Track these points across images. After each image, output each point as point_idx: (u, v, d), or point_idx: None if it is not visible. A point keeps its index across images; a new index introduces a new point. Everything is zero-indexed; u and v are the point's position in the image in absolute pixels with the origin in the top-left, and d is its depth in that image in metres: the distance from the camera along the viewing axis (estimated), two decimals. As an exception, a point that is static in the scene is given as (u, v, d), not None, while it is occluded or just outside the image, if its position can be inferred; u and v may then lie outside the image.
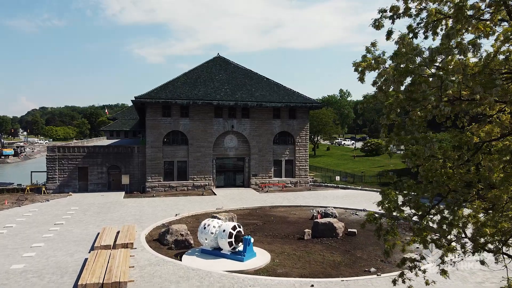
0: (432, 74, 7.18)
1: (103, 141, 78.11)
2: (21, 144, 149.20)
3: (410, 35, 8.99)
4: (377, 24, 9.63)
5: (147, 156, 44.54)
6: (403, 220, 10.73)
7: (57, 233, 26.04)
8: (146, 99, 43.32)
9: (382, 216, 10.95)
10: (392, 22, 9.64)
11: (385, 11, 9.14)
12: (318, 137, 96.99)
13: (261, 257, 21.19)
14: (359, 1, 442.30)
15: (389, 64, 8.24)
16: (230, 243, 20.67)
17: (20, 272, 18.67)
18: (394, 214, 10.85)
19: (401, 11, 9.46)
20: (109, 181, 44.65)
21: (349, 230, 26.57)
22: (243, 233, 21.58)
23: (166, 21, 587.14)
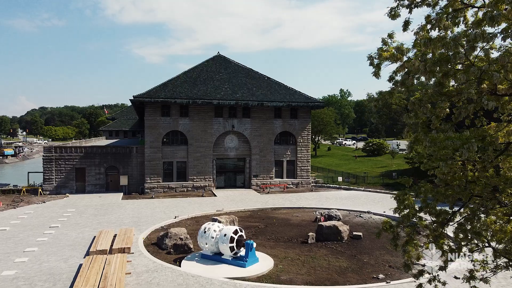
0: (470, 65, 6.27)
1: (102, 141, 77.18)
2: (20, 144, 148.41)
3: (428, 26, 8.13)
4: (393, 13, 8.75)
5: (146, 157, 43.62)
6: (423, 228, 9.81)
7: (52, 237, 25.12)
8: (145, 98, 42.39)
9: (400, 224, 10.03)
10: (410, 11, 8.77)
11: (403, -1, 8.23)
12: (319, 137, 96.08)
13: (264, 263, 20.29)
14: (359, 1, 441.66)
15: (414, 54, 7.35)
16: (232, 248, 19.77)
17: (11, 279, 17.75)
18: (412, 221, 9.98)
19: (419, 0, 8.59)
20: (107, 182, 43.71)
21: (354, 234, 25.67)
22: (245, 238, 20.67)
23: (166, 21, 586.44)
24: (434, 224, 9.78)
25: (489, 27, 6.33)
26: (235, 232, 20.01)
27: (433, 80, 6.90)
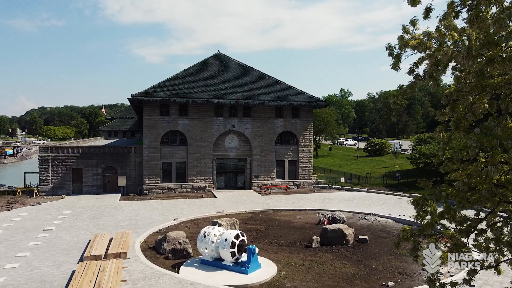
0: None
1: (101, 141, 76.21)
2: (18, 144, 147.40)
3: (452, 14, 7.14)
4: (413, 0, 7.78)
5: (144, 157, 42.62)
6: (448, 237, 8.82)
7: (46, 241, 24.13)
8: (143, 97, 41.37)
9: (422, 233, 9.04)
10: (432, -4, 7.78)
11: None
12: (320, 137, 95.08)
13: (267, 269, 19.31)
14: (359, 1, 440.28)
15: (438, 42, 6.38)
16: (233, 254, 18.78)
17: (-1, 287, 16.79)
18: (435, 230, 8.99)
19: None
20: (105, 183, 42.72)
21: (360, 237, 24.69)
22: (247, 242, 19.69)
23: (165, 21, 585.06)
24: (459, 233, 8.81)
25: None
26: (237, 237, 19.02)
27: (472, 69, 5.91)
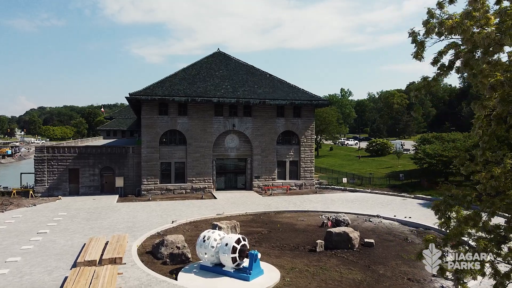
0: None
1: (99, 141, 75.28)
2: (17, 144, 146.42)
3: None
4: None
5: (143, 157, 41.65)
6: (478, 249, 7.86)
7: (39, 244, 23.17)
8: (141, 96, 40.40)
9: (447, 243, 8.09)
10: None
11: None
12: (321, 137, 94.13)
13: (269, 274, 18.35)
14: (359, 1, 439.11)
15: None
16: (234, 259, 17.83)
17: (-13, 295, 15.84)
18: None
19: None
20: (102, 184, 41.75)
21: (366, 241, 23.74)
22: (248, 247, 18.73)
23: (165, 21, 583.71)
24: (489, 242, 7.87)
25: None
26: (238, 241, 18.06)
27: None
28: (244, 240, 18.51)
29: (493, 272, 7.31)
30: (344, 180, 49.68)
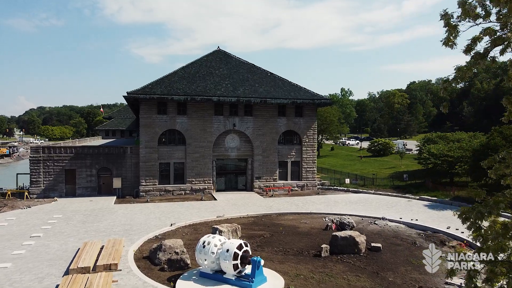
0: None
1: (98, 141, 74.29)
2: (15, 144, 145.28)
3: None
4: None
5: (141, 157, 40.66)
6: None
7: (31, 249, 22.17)
8: (140, 95, 39.42)
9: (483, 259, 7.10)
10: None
11: None
12: (322, 137, 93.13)
13: (273, 282, 17.37)
14: (358, 1, 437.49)
15: None
16: (235, 266, 16.84)
17: (-28, 306, 14.85)
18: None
19: None
20: (99, 185, 40.75)
21: (373, 245, 22.76)
22: (251, 253, 17.73)
23: (164, 21, 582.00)
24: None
25: None
26: (239, 247, 17.06)
27: None
28: (246, 246, 17.52)
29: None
30: (347, 181, 48.69)
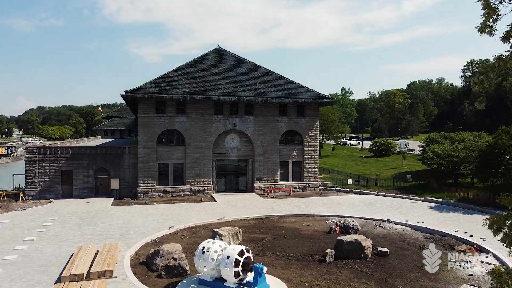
0: None
1: (96, 141, 73.39)
2: (14, 144, 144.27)
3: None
4: None
5: (139, 158, 39.74)
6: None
7: (23, 254, 21.26)
8: (138, 94, 38.51)
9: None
10: None
11: None
12: (323, 137, 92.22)
13: (276, 290, 16.48)
14: (357, 1, 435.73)
15: None
16: (237, 274, 15.93)
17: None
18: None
19: None
20: (96, 186, 39.84)
21: (379, 250, 21.85)
22: (253, 260, 16.82)
23: (163, 21, 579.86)
24: None
25: None
26: (241, 254, 16.15)
27: None
28: (248, 252, 16.61)
29: None
30: (349, 182, 47.77)
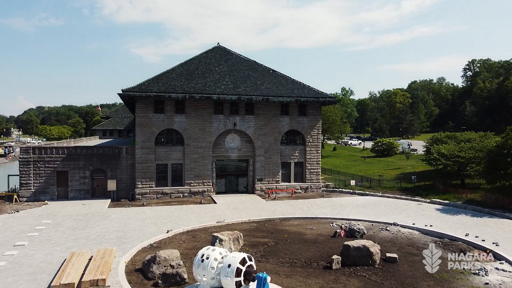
0: None
1: (94, 141, 72.36)
2: (12, 144, 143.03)
3: None
4: None
5: (137, 158, 38.65)
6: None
7: (12, 260, 20.17)
8: (135, 93, 37.44)
9: None
10: None
11: None
12: (324, 137, 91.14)
13: (280, 301, 15.39)
14: (357, 1, 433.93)
15: None
16: (238, 284, 14.83)
17: None
18: None
19: None
20: (93, 187, 38.74)
21: (388, 256, 20.76)
22: (255, 268, 15.73)
23: (163, 21, 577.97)
24: None
25: None
26: (243, 262, 15.05)
27: None
28: (250, 260, 15.50)
29: None
30: (352, 183, 46.70)
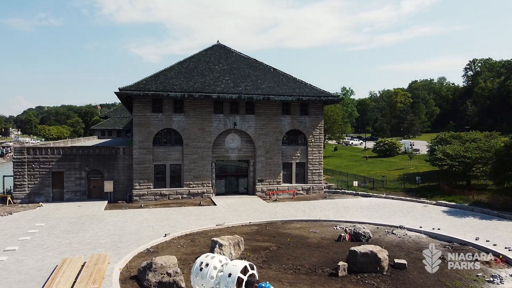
0: None
1: (92, 141, 71.38)
2: (10, 144, 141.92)
3: None
4: None
5: (135, 159, 37.64)
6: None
7: (1, 267, 19.15)
8: (133, 91, 36.43)
9: None
10: None
11: None
12: (325, 136, 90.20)
13: (284, 312, 14.39)
14: (356, 1, 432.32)
15: None
16: (239, 294, 13.82)
17: None
18: None
19: None
20: (89, 189, 37.72)
21: (396, 262, 19.74)
22: (257, 277, 14.70)
23: (163, 21, 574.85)
24: None
25: None
26: (244, 271, 13.94)
27: None
28: (252, 269, 14.34)
29: None
30: (355, 184, 45.65)
